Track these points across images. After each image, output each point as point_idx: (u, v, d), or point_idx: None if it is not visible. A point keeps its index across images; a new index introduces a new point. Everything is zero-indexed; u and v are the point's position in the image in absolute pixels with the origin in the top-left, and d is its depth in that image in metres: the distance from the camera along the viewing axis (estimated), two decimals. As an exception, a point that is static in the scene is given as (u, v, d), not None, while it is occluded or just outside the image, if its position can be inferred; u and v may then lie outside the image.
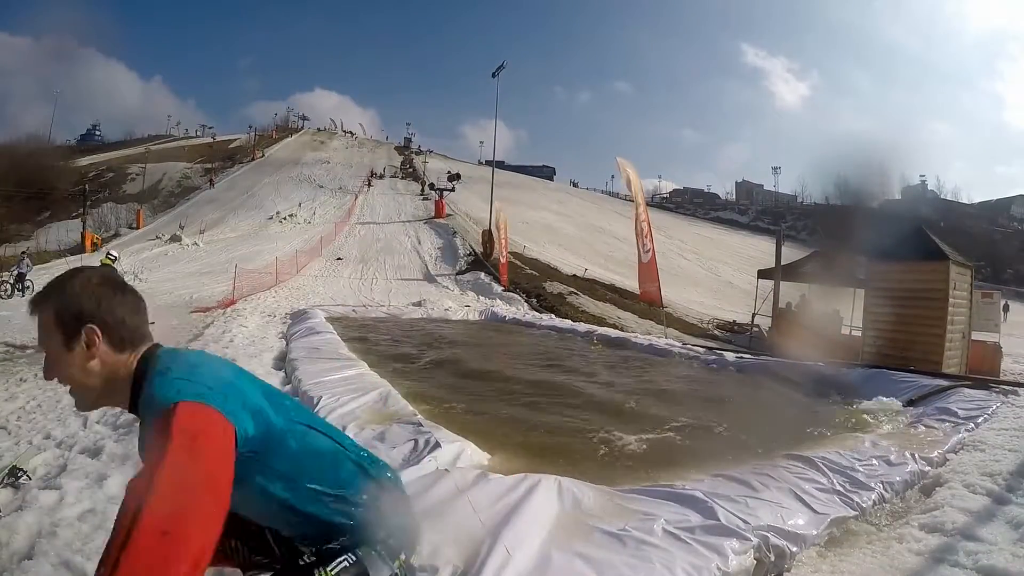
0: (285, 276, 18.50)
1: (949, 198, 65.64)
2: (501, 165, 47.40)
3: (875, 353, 7.72)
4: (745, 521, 2.09)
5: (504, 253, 19.42)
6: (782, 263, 12.43)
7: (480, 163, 59.26)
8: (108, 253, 13.03)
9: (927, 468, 2.90)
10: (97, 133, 67.04)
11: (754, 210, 68.36)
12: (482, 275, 19.91)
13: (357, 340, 7.80)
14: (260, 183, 40.63)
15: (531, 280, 19.46)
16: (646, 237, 11.33)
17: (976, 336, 8.74)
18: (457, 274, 21.18)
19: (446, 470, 2.37)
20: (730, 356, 7.02)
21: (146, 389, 0.99)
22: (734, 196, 73.43)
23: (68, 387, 1.05)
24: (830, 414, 4.42)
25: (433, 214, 31.79)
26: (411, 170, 50.16)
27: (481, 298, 16.96)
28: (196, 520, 0.85)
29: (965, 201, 65.01)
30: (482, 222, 23.43)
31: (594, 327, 10.53)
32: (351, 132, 71.20)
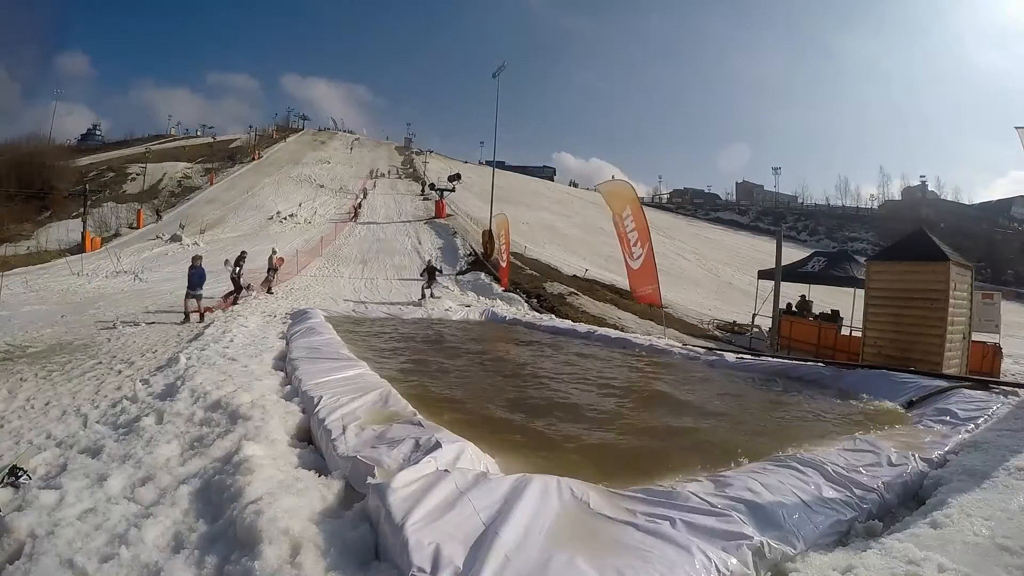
0: (285, 276, 18.47)
1: (949, 198, 65.73)
2: (501, 165, 47.35)
3: (875, 354, 7.71)
4: (745, 521, 2.10)
5: (504, 257, 19.39)
6: (782, 263, 12.42)
7: (480, 163, 59.24)
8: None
9: (927, 468, 2.90)
10: (97, 133, 66.89)
11: (754, 211, 68.33)
12: (482, 275, 19.90)
13: (357, 340, 7.80)
14: (260, 183, 40.62)
15: (531, 280, 19.46)
16: (635, 245, 11.20)
17: (976, 337, 8.73)
18: (457, 274, 21.17)
19: (446, 470, 2.36)
20: (730, 357, 7.02)
21: None
22: (735, 197, 73.40)
23: None
24: (830, 415, 4.43)
25: (433, 214, 31.80)
26: (411, 170, 50.15)
27: (481, 298, 16.96)
28: None
29: (965, 202, 65.08)
30: (482, 222, 23.43)
31: (594, 328, 10.53)
32: (351, 131, 71.14)
